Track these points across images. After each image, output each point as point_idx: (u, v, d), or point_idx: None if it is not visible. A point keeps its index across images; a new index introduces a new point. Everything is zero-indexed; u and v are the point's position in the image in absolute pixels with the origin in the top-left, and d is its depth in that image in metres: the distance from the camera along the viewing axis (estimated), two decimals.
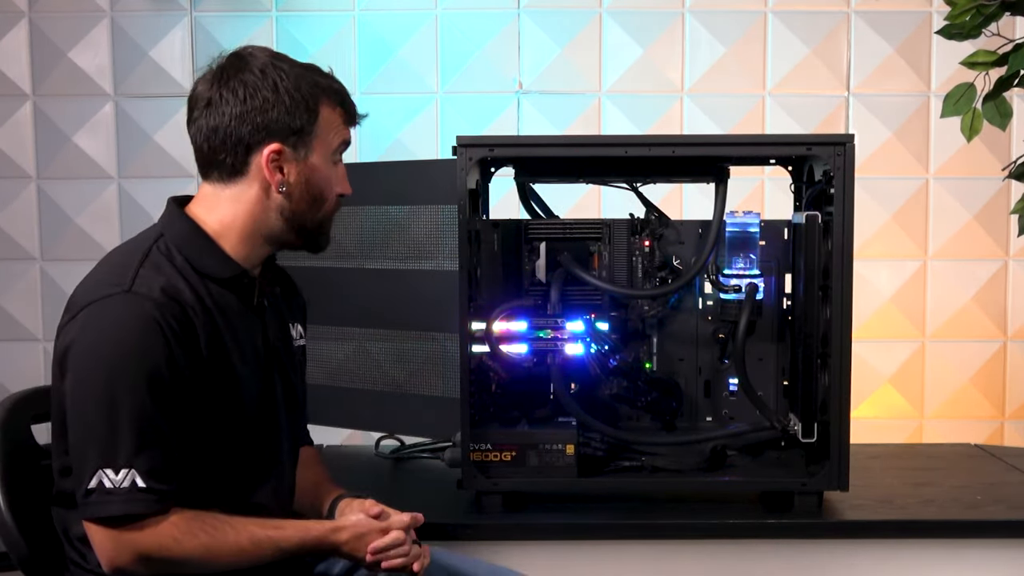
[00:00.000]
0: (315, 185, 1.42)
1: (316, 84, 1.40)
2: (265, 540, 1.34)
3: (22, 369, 3.13)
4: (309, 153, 1.40)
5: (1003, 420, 3.25)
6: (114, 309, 1.29)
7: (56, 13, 3.22)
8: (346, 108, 1.45)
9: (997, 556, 1.79)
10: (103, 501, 1.26)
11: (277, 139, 1.37)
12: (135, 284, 1.30)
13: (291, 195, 1.40)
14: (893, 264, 3.22)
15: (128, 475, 1.26)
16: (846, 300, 1.75)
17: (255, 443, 1.42)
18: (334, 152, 1.44)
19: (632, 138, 2.41)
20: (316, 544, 1.39)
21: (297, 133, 1.38)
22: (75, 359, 1.29)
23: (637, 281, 1.97)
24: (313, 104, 1.39)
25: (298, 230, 1.44)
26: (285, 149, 1.38)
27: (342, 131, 1.45)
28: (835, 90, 3.20)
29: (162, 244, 1.38)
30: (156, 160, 3.17)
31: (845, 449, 1.76)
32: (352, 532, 1.41)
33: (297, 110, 1.38)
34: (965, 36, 1.75)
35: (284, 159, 1.39)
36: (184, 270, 1.36)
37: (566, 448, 1.79)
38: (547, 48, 3.22)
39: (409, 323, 2.12)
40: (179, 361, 1.29)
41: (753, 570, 1.80)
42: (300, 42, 3.18)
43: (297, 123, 1.38)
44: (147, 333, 1.27)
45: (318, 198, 1.43)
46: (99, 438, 1.26)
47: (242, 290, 1.42)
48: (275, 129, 1.37)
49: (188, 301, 1.33)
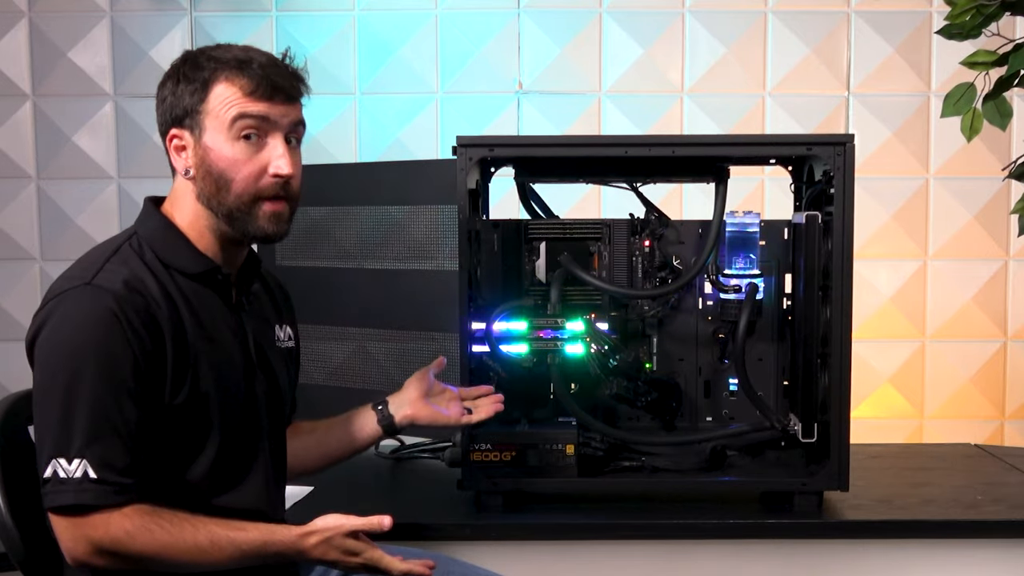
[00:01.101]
0: (212, 164, 1.35)
1: (215, 59, 1.35)
2: (224, 540, 1.31)
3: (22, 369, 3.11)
4: (202, 132, 1.35)
5: (1003, 420, 3.25)
6: (74, 301, 1.29)
7: (56, 13, 3.22)
8: (249, 78, 1.33)
9: (997, 556, 1.79)
10: (56, 491, 1.26)
11: (175, 125, 1.37)
12: (97, 277, 1.30)
13: (196, 179, 1.37)
14: (893, 264, 3.22)
15: (80, 465, 1.25)
16: (846, 300, 1.75)
17: (231, 441, 1.40)
18: (231, 127, 1.34)
19: (632, 138, 2.41)
20: (281, 549, 1.34)
21: (189, 114, 1.35)
22: (38, 350, 1.31)
23: (637, 281, 1.97)
24: (207, 80, 1.34)
25: (226, 218, 1.37)
26: (182, 133, 1.37)
27: (240, 103, 1.33)
28: (835, 90, 3.20)
29: (134, 241, 1.38)
30: (156, 160, 3.13)
31: (845, 449, 1.76)
32: (320, 536, 1.34)
33: (187, 91, 1.35)
34: (965, 36, 1.75)
35: (185, 143, 1.37)
36: (153, 265, 1.35)
37: (566, 448, 1.79)
38: (547, 48, 3.22)
39: (409, 323, 2.12)
40: (138, 355, 1.28)
41: (753, 570, 1.80)
42: (300, 42, 3.18)
43: (188, 104, 1.35)
44: (104, 324, 1.27)
45: (220, 178, 1.35)
46: (53, 427, 1.26)
47: (218, 287, 1.41)
48: (173, 116, 1.37)
49: (152, 294, 1.32)
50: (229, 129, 1.34)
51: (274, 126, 1.36)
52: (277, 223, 1.39)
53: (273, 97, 1.35)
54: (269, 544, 1.33)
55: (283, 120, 1.37)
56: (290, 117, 1.38)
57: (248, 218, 1.37)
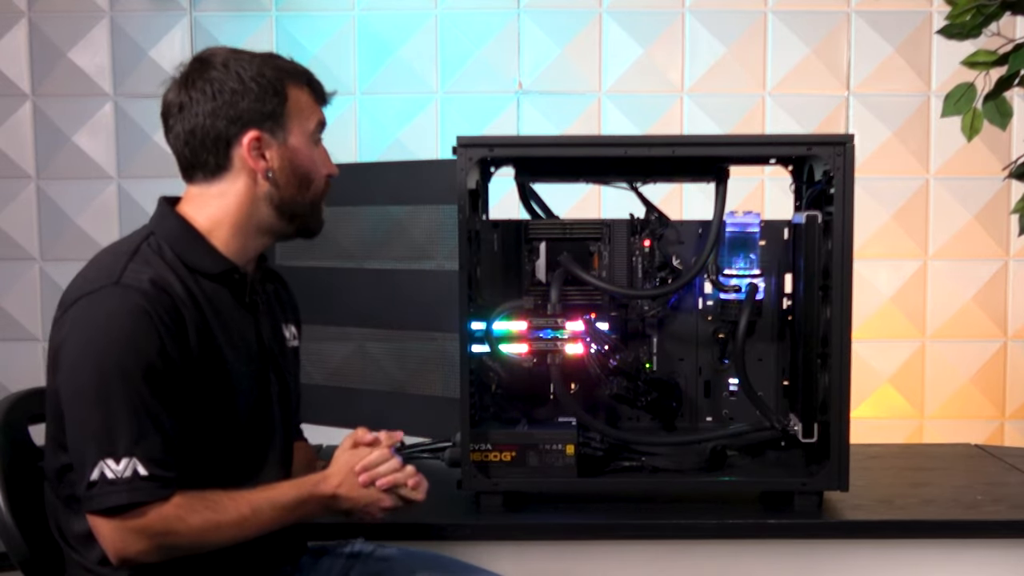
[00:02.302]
0: (300, 166, 1.42)
1: (278, 68, 1.41)
2: (263, 502, 1.36)
3: (22, 369, 3.13)
4: (287, 136, 1.40)
5: (1003, 420, 3.25)
6: (104, 302, 1.29)
7: (56, 13, 3.22)
8: (313, 87, 1.45)
9: (997, 556, 1.79)
10: (106, 492, 1.26)
11: (253, 127, 1.38)
12: (123, 277, 1.30)
13: (278, 181, 1.40)
14: (893, 264, 3.22)
15: (130, 464, 1.26)
16: (846, 300, 1.75)
17: (247, 440, 1.42)
18: (312, 132, 1.44)
19: (632, 138, 2.41)
20: (311, 494, 1.40)
21: (271, 117, 1.39)
22: (67, 354, 1.30)
23: (637, 281, 1.97)
24: (280, 87, 1.39)
25: (290, 216, 1.44)
26: (263, 135, 1.39)
27: (315, 111, 1.45)
28: (835, 90, 3.20)
29: (152, 241, 1.38)
30: (156, 160, 3.17)
31: (845, 449, 1.76)
32: (340, 474, 1.43)
33: (266, 95, 1.38)
34: (965, 36, 1.76)
35: (264, 145, 1.39)
36: (174, 265, 1.36)
37: (566, 448, 1.79)
38: (547, 48, 3.22)
39: (409, 323, 2.12)
40: (170, 351, 1.29)
41: (753, 570, 1.80)
42: (300, 42, 3.19)
43: (268, 107, 1.38)
44: (138, 323, 1.28)
45: (305, 179, 1.43)
46: (97, 430, 1.26)
47: (234, 286, 1.42)
48: (249, 118, 1.38)
49: (178, 294, 1.33)
50: (312, 134, 1.44)
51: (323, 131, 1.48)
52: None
53: (326, 104, 1.47)
54: (301, 492, 1.40)
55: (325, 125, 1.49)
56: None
57: (315, 215, 1.48)
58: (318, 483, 1.42)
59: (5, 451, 1.44)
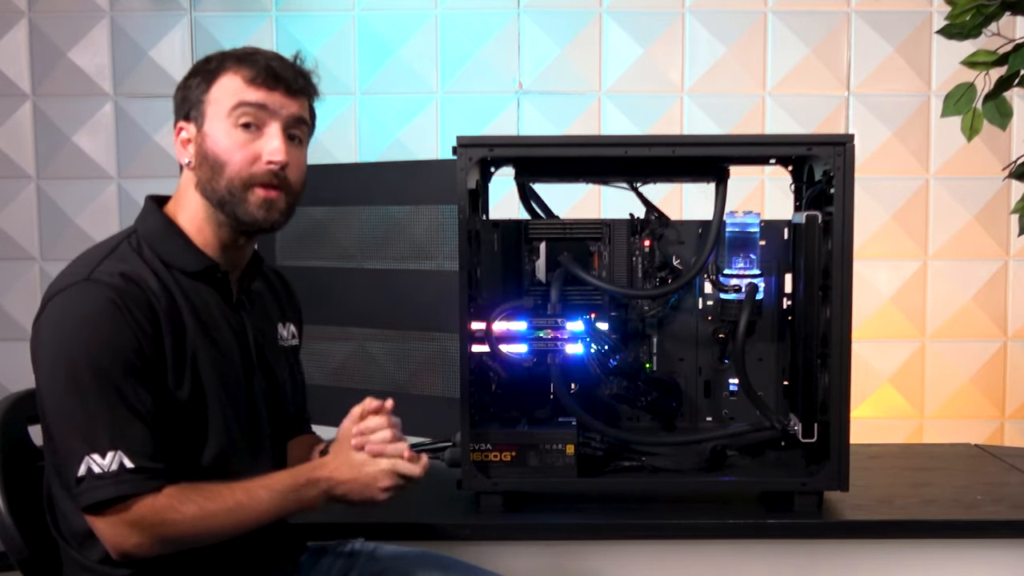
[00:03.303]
0: (209, 150, 1.36)
1: (223, 55, 1.39)
2: (258, 488, 1.34)
3: (22, 369, 3.10)
4: (204, 121, 1.38)
5: (1003, 420, 3.25)
6: (74, 298, 1.29)
7: (56, 13, 3.22)
8: (250, 67, 1.36)
9: (997, 556, 1.79)
10: (93, 487, 1.25)
11: (181, 118, 1.40)
12: (94, 273, 1.30)
13: (195, 167, 1.39)
14: (893, 264, 3.22)
15: (115, 457, 1.25)
16: (846, 300, 1.75)
17: (232, 440, 1.40)
18: (230, 114, 1.36)
19: (632, 138, 2.40)
20: (308, 479, 1.38)
21: (193, 105, 1.39)
22: (43, 352, 1.30)
23: (637, 281, 1.97)
24: (214, 76, 1.38)
25: (218, 203, 1.38)
26: (186, 125, 1.40)
27: (241, 91, 1.36)
28: (835, 90, 3.20)
29: (133, 239, 1.39)
30: (156, 160, 3.18)
31: (845, 449, 1.76)
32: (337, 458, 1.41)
33: (196, 85, 1.38)
34: (965, 36, 1.76)
35: (189, 134, 1.39)
36: (152, 262, 1.36)
37: (566, 448, 1.79)
38: (547, 48, 3.22)
39: (409, 323, 2.12)
40: (143, 343, 1.29)
41: (753, 570, 1.80)
42: (300, 42, 3.19)
43: (194, 96, 1.38)
44: (107, 315, 1.27)
45: (216, 164, 1.36)
46: (79, 425, 1.26)
47: (218, 285, 1.42)
48: (180, 109, 1.41)
49: (151, 288, 1.32)
50: (228, 116, 1.36)
51: (272, 115, 1.38)
52: (268, 210, 1.38)
53: (273, 87, 1.37)
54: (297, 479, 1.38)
55: (282, 111, 1.38)
56: (289, 109, 1.39)
57: (239, 203, 1.37)
58: (315, 468, 1.41)
59: (4, 451, 1.44)
